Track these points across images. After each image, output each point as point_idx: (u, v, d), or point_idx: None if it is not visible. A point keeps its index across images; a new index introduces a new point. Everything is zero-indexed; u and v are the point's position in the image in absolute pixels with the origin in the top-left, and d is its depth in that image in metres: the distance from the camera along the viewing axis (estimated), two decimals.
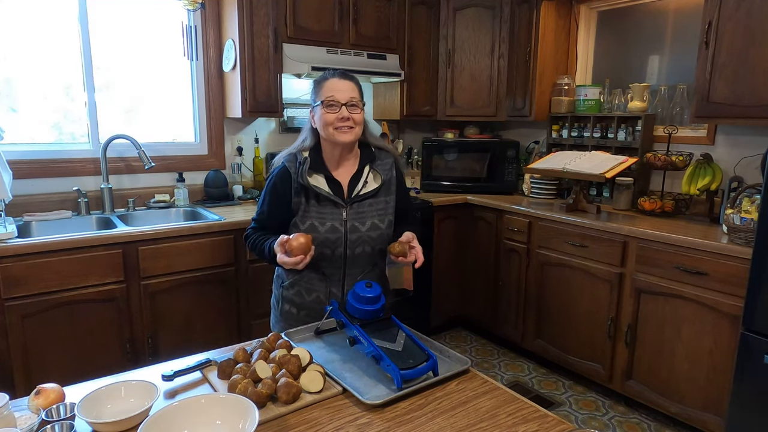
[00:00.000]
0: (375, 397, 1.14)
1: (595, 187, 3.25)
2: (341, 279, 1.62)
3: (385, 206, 1.63)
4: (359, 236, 1.58)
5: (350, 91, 1.55)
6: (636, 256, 2.55)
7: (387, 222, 1.63)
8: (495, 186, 3.57)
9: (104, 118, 2.86)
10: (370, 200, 1.61)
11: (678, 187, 2.93)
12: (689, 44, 2.93)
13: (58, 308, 2.22)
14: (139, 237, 2.36)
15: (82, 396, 1.07)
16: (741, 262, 2.17)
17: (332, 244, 1.56)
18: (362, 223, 1.58)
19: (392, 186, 1.66)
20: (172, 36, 3.00)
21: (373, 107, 3.77)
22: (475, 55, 3.53)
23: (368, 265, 1.65)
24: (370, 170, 1.63)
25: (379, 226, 1.61)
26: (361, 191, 1.60)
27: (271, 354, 1.26)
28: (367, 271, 1.65)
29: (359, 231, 1.58)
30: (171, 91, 3.08)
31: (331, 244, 1.56)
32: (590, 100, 3.25)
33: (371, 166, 1.64)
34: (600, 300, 2.73)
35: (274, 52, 2.92)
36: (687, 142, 2.93)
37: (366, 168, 1.63)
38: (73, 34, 2.72)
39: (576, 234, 2.80)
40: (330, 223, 1.56)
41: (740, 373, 2.07)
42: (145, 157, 2.71)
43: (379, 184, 1.63)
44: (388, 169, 1.66)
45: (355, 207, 1.59)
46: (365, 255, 1.61)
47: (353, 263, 1.61)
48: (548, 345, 3.05)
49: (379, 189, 1.62)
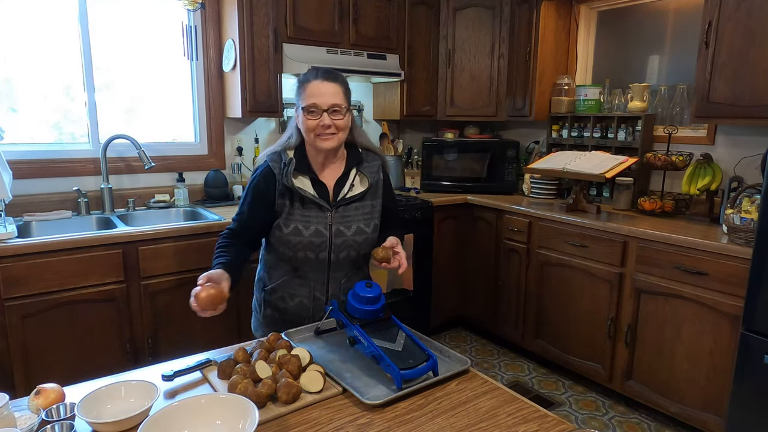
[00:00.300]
0: (375, 397, 1.14)
1: (595, 187, 3.25)
2: (325, 283, 1.58)
3: (372, 210, 1.59)
4: (344, 240, 1.54)
5: (332, 95, 1.47)
6: (636, 256, 2.55)
7: (373, 226, 1.58)
8: (495, 186, 3.57)
9: (104, 118, 2.86)
10: (356, 204, 1.56)
11: (678, 187, 2.93)
12: (689, 44, 2.93)
13: (58, 308, 2.22)
14: (139, 237, 2.36)
15: (82, 396, 1.07)
16: (741, 262, 2.17)
17: (316, 248, 1.52)
18: (347, 228, 1.54)
19: (379, 189, 1.62)
20: (172, 36, 3.00)
21: (373, 107, 3.77)
22: (475, 55, 3.53)
23: (352, 269, 1.61)
24: (357, 173, 1.59)
25: (365, 230, 1.56)
26: (347, 194, 1.55)
27: (271, 354, 1.26)
28: (351, 274, 1.61)
29: (344, 235, 1.54)
30: (171, 91, 3.08)
31: (315, 248, 1.52)
32: (590, 100, 3.25)
33: (358, 168, 1.59)
34: (600, 300, 2.73)
35: (274, 52, 2.92)
36: (687, 142, 2.93)
37: (353, 171, 1.58)
38: (73, 34, 2.72)
39: (576, 234, 2.80)
40: (314, 227, 1.51)
41: (740, 373, 2.07)
42: (145, 157, 2.71)
43: (365, 187, 1.58)
44: (375, 171, 1.61)
45: (340, 211, 1.54)
46: (350, 259, 1.57)
47: (337, 267, 1.57)
48: (548, 345, 3.05)
49: (365, 192, 1.58)
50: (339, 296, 1.59)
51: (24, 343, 2.17)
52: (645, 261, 2.51)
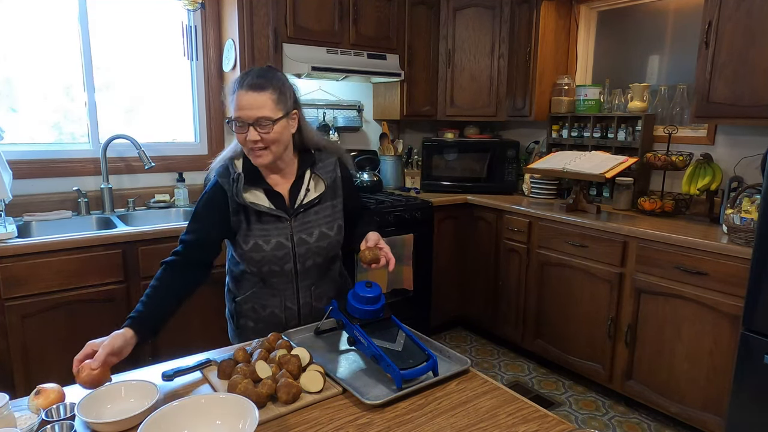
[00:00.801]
0: (375, 397, 1.14)
1: (595, 187, 3.25)
2: (295, 292, 1.52)
3: (333, 211, 1.52)
4: (308, 248, 1.48)
5: (258, 108, 1.34)
6: (636, 256, 2.55)
7: (336, 228, 1.52)
8: (495, 186, 3.57)
9: (104, 118, 2.87)
10: (315, 208, 1.49)
11: (678, 187, 2.94)
12: (689, 44, 2.93)
13: (58, 308, 2.22)
14: (139, 237, 2.36)
15: (82, 396, 1.07)
16: (741, 262, 2.17)
17: (280, 260, 1.46)
18: (309, 235, 1.47)
19: (338, 188, 1.54)
20: (172, 36, 3.00)
21: (373, 107, 3.77)
22: (475, 55, 3.53)
23: (320, 274, 1.56)
24: (311, 175, 1.50)
25: (328, 234, 1.50)
26: (304, 200, 1.48)
27: (271, 354, 1.26)
28: (319, 280, 1.56)
29: (307, 243, 1.47)
30: (171, 91, 3.08)
31: (278, 261, 1.46)
32: (590, 100, 3.25)
33: (312, 170, 1.51)
34: (600, 300, 2.73)
35: (274, 52, 2.92)
36: (687, 142, 2.93)
37: (306, 174, 1.50)
38: (73, 34, 2.72)
39: (576, 234, 2.80)
40: (275, 240, 1.44)
41: (740, 373, 2.07)
42: (145, 157, 2.71)
43: (322, 189, 1.50)
44: (331, 170, 1.53)
45: (299, 218, 1.47)
46: (316, 266, 1.52)
47: (305, 276, 1.52)
48: (548, 345, 3.05)
49: (323, 194, 1.50)
50: (311, 303, 1.55)
51: (24, 343, 2.17)
52: (645, 261, 2.51)
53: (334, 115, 3.61)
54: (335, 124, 3.61)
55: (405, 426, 1.06)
